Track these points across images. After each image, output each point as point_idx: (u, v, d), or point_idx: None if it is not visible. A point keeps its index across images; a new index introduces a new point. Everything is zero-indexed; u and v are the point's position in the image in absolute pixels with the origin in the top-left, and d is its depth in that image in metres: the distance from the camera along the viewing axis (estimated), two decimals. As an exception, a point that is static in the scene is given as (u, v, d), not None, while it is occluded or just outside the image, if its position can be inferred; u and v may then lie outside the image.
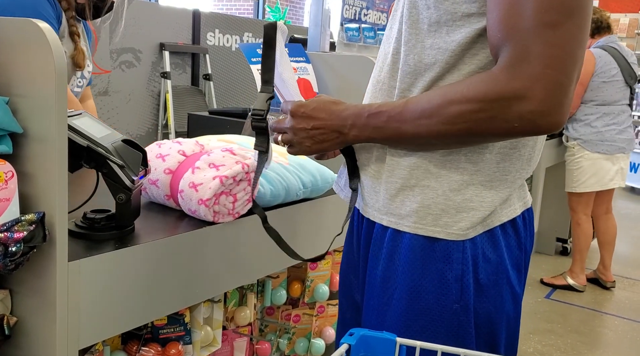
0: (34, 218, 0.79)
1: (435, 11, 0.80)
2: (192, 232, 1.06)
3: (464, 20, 0.78)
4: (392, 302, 0.87)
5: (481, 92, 0.72)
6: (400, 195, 0.86)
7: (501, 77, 0.71)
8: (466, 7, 0.77)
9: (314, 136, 0.89)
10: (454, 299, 0.83)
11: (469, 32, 0.78)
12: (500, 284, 0.86)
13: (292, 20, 9.73)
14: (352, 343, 0.74)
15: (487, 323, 0.86)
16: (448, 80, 0.80)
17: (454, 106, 0.74)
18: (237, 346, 1.36)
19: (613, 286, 3.46)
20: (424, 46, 0.82)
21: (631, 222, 5.29)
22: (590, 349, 2.70)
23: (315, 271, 1.50)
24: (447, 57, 0.79)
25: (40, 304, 0.86)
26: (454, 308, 0.84)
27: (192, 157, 1.15)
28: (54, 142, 0.81)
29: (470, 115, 0.73)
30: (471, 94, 0.73)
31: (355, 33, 2.02)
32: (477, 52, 0.79)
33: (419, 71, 0.83)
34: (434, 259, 0.83)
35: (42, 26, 0.80)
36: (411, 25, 0.83)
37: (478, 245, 0.84)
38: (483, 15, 0.76)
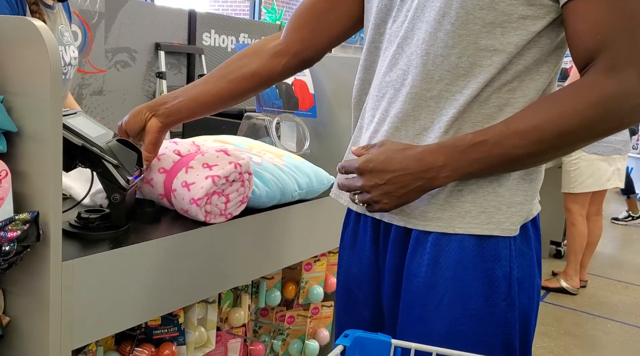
0: (28, 217, 0.79)
1: (490, 12, 0.78)
2: (186, 232, 1.05)
3: (519, 22, 0.78)
4: (441, 308, 0.85)
5: (594, 99, 0.74)
6: (450, 198, 0.84)
7: (609, 80, 0.73)
8: (522, 10, 0.78)
9: (391, 192, 0.80)
10: (502, 297, 0.84)
11: (525, 35, 0.79)
12: (533, 277, 0.88)
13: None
14: (347, 345, 0.74)
15: (524, 316, 0.87)
16: (497, 80, 0.81)
17: (568, 119, 0.74)
18: (231, 347, 1.36)
19: (584, 285, 3.51)
20: (477, 47, 0.80)
21: (624, 226, 5.31)
22: (583, 352, 2.71)
23: (310, 272, 1.50)
24: (503, 59, 0.79)
25: (33, 304, 0.86)
26: (502, 306, 0.84)
27: (187, 157, 1.15)
28: (49, 141, 0.80)
29: (589, 123, 0.74)
30: (583, 105, 0.74)
31: (351, 35, 2.03)
32: (524, 52, 0.80)
33: (474, 73, 0.81)
34: (483, 258, 0.83)
35: (37, 25, 0.79)
36: (460, 26, 0.79)
37: (517, 241, 0.85)
38: (537, 19, 0.78)
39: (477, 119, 0.82)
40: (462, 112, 0.82)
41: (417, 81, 0.84)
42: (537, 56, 0.81)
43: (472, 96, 0.81)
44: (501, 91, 0.81)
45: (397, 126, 0.87)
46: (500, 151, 0.76)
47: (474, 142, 0.77)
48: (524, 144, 0.76)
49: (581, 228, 3.34)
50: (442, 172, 0.78)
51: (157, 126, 1.06)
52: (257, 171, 1.21)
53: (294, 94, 1.68)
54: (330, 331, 1.60)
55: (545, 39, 0.80)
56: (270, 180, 1.23)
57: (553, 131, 0.75)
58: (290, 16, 1.11)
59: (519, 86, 0.81)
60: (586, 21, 0.75)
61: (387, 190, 0.80)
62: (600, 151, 3.22)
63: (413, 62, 0.84)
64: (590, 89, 0.74)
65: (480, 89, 0.81)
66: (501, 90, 0.81)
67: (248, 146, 1.32)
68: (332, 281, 1.57)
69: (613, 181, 3.28)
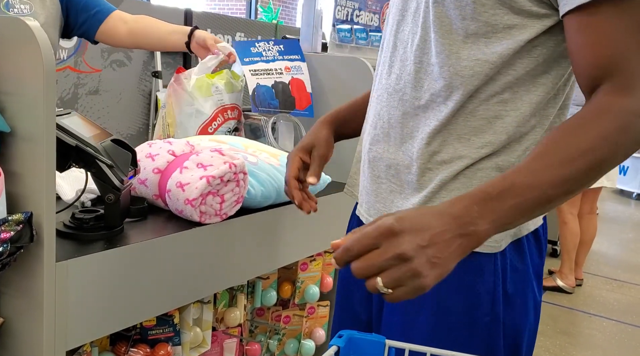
0: (21, 218, 0.78)
1: (472, 22, 0.75)
2: (181, 233, 1.05)
3: (505, 32, 0.74)
4: (419, 318, 0.83)
5: (620, 123, 0.67)
6: None
7: (629, 99, 0.67)
8: (508, 19, 0.74)
9: (436, 257, 0.61)
10: (485, 312, 0.80)
11: (511, 44, 0.74)
12: (526, 293, 0.84)
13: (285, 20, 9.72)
14: (341, 346, 0.74)
15: (513, 332, 0.84)
16: (484, 91, 0.77)
17: (599, 147, 0.67)
18: (226, 347, 1.36)
19: (580, 284, 3.51)
20: (459, 57, 0.77)
21: (620, 225, 5.33)
22: (579, 351, 2.72)
23: (306, 272, 1.50)
24: (486, 69, 0.76)
25: (27, 305, 0.85)
26: (484, 321, 0.80)
27: (182, 157, 1.15)
28: (42, 141, 0.80)
29: (619, 148, 0.67)
30: (610, 130, 0.67)
31: (347, 34, 2.03)
32: (514, 62, 0.76)
33: (455, 84, 0.77)
34: (465, 272, 0.77)
35: (30, 24, 0.79)
36: (443, 35, 0.77)
37: (507, 256, 0.81)
38: (524, 28, 0.74)
39: (464, 131, 0.78)
40: (446, 124, 0.79)
41: (408, 88, 0.82)
42: (531, 67, 0.76)
43: (456, 108, 0.78)
44: (489, 102, 0.77)
45: (387, 131, 0.86)
46: (533, 194, 0.66)
47: (504, 188, 0.66)
48: (556, 183, 0.66)
49: (572, 226, 3.35)
50: (482, 224, 0.64)
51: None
52: (252, 171, 1.20)
53: (291, 94, 1.68)
54: (326, 331, 1.60)
55: (540, 49, 0.75)
56: (266, 180, 1.22)
57: (586, 163, 0.66)
58: (287, 16, 1.10)
59: (511, 98, 0.77)
60: (590, 35, 0.69)
61: (430, 255, 0.61)
62: None
63: (406, 69, 0.83)
64: (612, 112, 0.67)
65: (464, 100, 0.77)
66: (489, 101, 0.77)
67: (243, 146, 1.32)
68: (328, 280, 1.56)
69: (600, 180, 3.29)
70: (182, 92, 1.52)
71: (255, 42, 1.68)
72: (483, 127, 0.78)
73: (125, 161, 0.98)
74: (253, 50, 1.67)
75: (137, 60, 3.54)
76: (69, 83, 3.04)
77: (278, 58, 1.68)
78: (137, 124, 3.67)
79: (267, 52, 1.68)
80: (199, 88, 1.52)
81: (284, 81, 1.68)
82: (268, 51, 1.68)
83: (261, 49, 1.68)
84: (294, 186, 0.98)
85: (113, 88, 3.37)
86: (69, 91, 3.05)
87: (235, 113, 1.60)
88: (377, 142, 0.87)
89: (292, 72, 1.68)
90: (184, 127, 1.51)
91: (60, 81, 2.95)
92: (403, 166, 0.83)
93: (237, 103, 1.61)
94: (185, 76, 1.53)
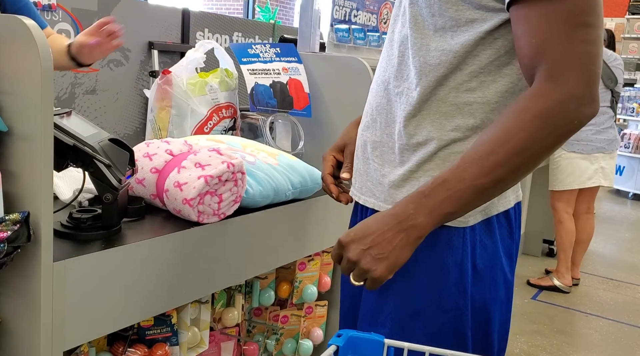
0: (19, 218, 0.78)
1: (440, 18, 0.84)
2: (179, 232, 1.05)
3: (468, 25, 0.82)
4: (392, 287, 0.88)
5: (537, 111, 0.73)
6: (407, 185, 0.88)
7: (550, 87, 0.73)
8: (469, 14, 0.82)
9: (378, 254, 0.79)
10: (453, 282, 0.87)
11: (472, 35, 0.82)
12: (495, 270, 0.90)
13: (282, 20, 9.71)
14: (340, 345, 0.74)
15: (482, 307, 0.89)
16: (452, 80, 0.85)
17: (515, 136, 0.74)
18: (224, 347, 1.35)
19: (577, 283, 3.52)
20: (428, 49, 0.85)
21: (616, 224, 5.35)
22: (575, 350, 2.72)
23: (304, 272, 1.50)
24: (450, 58, 0.84)
25: (24, 305, 0.85)
26: (452, 291, 0.87)
27: (179, 156, 1.14)
28: (40, 140, 0.80)
29: (537, 135, 0.73)
30: (527, 118, 0.73)
31: (345, 34, 2.03)
32: (478, 53, 0.83)
33: (424, 71, 0.86)
34: (435, 245, 0.86)
35: (28, 23, 0.79)
36: (417, 30, 0.87)
37: (477, 232, 0.88)
38: (485, 21, 0.81)
39: (436, 116, 0.86)
40: (420, 109, 0.87)
41: (391, 79, 0.92)
42: (494, 57, 0.83)
43: (426, 94, 0.86)
44: (459, 90, 0.85)
45: (375, 117, 0.95)
46: (464, 185, 0.76)
47: (436, 184, 0.78)
48: (484, 173, 0.75)
49: (568, 225, 3.35)
50: (417, 218, 0.78)
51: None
52: (250, 170, 1.20)
53: (289, 93, 1.67)
54: (324, 331, 1.60)
55: (501, 41, 0.82)
56: (264, 179, 1.22)
57: (506, 152, 0.74)
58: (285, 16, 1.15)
59: (479, 86, 0.84)
60: (524, 26, 0.76)
61: (374, 254, 0.79)
62: (579, 150, 3.24)
63: (391, 62, 0.92)
64: (532, 100, 0.74)
65: (434, 86, 0.85)
66: (458, 89, 0.85)
67: (241, 145, 1.32)
68: (326, 280, 1.56)
69: (596, 180, 3.29)
70: (174, 92, 1.51)
71: (252, 45, 1.68)
72: (453, 113, 0.85)
73: (122, 161, 0.98)
74: (250, 52, 1.67)
75: (135, 59, 3.53)
76: (65, 83, 3.03)
77: (275, 59, 1.68)
78: (135, 124, 3.66)
79: (264, 54, 1.68)
80: (192, 88, 1.51)
81: (281, 81, 1.68)
82: (265, 53, 1.68)
83: (258, 50, 1.68)
84: (330, 181, 1.07)
85: (110, 88, 3.36)
86: (66, 90, 3.04)
87: (231, 111, 1.59)
88: (367, 129, 0.97)
89: (289, 73, 1.68)
90: (179, 127, 1.51)
91: (57, 81, 2.94)
92: (387, 147, 0.92)
93: (231, 101, 1.61)
94: (175, 75, 1.52)
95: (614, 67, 3.26)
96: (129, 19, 3.45)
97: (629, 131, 6.44)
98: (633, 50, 7.87)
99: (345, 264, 0.82)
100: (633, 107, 6.40)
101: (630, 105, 6.41)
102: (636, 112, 6.38)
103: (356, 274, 0.81)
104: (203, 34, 4.11)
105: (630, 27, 7.94)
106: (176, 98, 1.50)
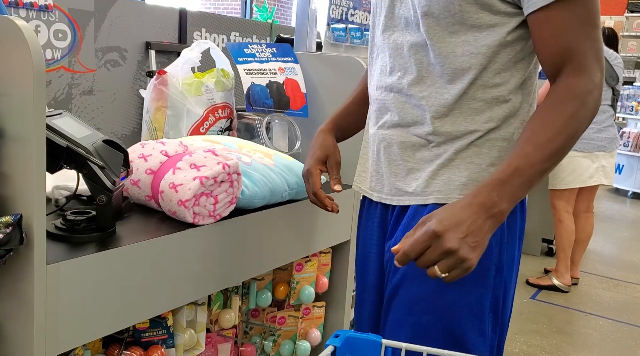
0: (11, 220, 0.77)
1: (461, 26, 0.91)
2: (174, 234, 1.04)
3: (489, 29, 0.91)
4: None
5: (581, 99, 0.85)
6: (446, 172, 0.95)
7: (583, 80, 0.86)
8: (490, 19, 0.90)
9: (474, 242, 0.81)
10: (494, 261, 0.94)
11: (495, 37, 0.91)
12: (513, 249, 0.99)
13: (280, 19, 9.70)
14: (337, 345, 0.73)
15: (505, 282, 0.99)
16: (480, 79, 0.92)
17: (572, 123, 0.85)
18: (221, 349, 1.35)
19: (576, 282, 3.51)
20: (455, 54, 0.92)
21: (615, 223, 5.34)
22: (575, 349, 2.72)
23: (301, 273, 1.49)
24: (480, 60, 0.92)
25: (17, 308, 0.84)
26: (492, 270, 0.95)
27: (175, 157, 1.14)
28: (32, 142, 0.79)
29: (583, 121, 0.86)
30: (576, 107, 0.85)
31: (342, 33, 2.02)
32: (500, 52, 0.92)
33: (457, 75, 0.93)
34: None
35: (19, 24, 0.78)
36: (438, 39, 0.92)
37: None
38: (504, 24, 0.91)
39: (467, 113, 0.94)
40: (452, 108, 0.94)
41: (413, 86, 0.96)
42: (512, 54, 0.92)
43: (459, 95, 0.93)
44: (486, 87, 0.93)
45: (397, 122, 0.99)
46: (534, 169, 0.85)
47: (510, 171, 0.85)
48: (548, 157, 0.85)
49: (568, 224, 3.35)
50: (502, 204, 0.84)
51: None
52: (246, 171, 1.19)
53: (285, 93, 1.67)
54: (321, 332, 1.60)
55: (518, 40, 0.92)
56: (260, 180, 1.21)
57: (564, 138, 0.85)
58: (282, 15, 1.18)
59: (502, 82, 0.93)
60: (551, 29, 0.86)
61: (470, 242, 0.81)
62: (580, 148, 3.24)
63: (408, 70, 0.97)
64: (572, 93, 0.86)
65: (466, 88, 0.93)
66: (485, 86, 0.93)
67: (237, 146, 1.31)
68: (323, 281, 1.56)
69: (597, 178, 3.29)
70: (169, 92, 1.50)
71: (248, 44, 1.67)
72: (482, 107, 0.94)
73: (117, 162, 0.97)
74: (246, 51, 1.67)
75: (132, 60, 3.52)
76: (62, 83, 3.02)
77: (271, 59, 1.68)
78: (132, 124, 3.65)
79: (261, 54, 1.67)
80: (188, 88, 1.51)
81: (278, 80, 1.67)
82: (261, 53, 1.67)
83: (254, 50, 1.67)
84: (324, 196, 1.12)
85: (107, 88, 3.36)
86: (63, 91, 3.03)
87: (227, 111, 1.59)
88: (389, 130, 1.00)
89: (286, 73, 1.67)
90: (174, 128, 1.50)
91: (54, 81, 2.93)
92: (418, 145, 0.97)
93: (228, 101, 1.60)
94: (170, 75, 1.51)
95: (615, 66, 3.26)
96: (125, 19, 3.44)
97: (628, 130, 6.43)
98: (632, 48, 7.87)
99: (436, 255, 0.80)
100: (632, 106, 6.39)
101: (629, 103, 6.41)
102: (635, 110, 6.38)
103: (448, 264, 0.80)
104: (200, 34, 4.10)
105: (630, 25, 7.94)
106: (172, 98, 1.50)
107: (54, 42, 2.93)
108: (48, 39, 2.88)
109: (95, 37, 3.26)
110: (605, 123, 3.26)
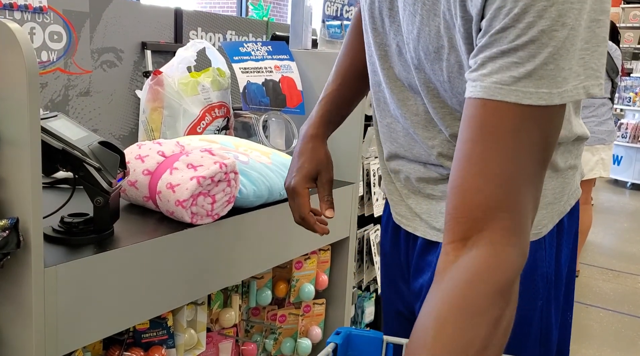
0: (7, 224, 0.77)
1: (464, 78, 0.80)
2: (173, 234, 1.04)
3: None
4: None
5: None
6: None
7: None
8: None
9: None
10: (540, 296, 0.85)
11: None
12: (562, 270, 0.90)
13: (276, 17, 9.69)
14: (338, 343, 0.73)
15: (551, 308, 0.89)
16: None
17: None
18: (222, 348, 1.35)
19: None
20: (460, 102, 0.81)
21: (614, 214, 5.35)
22: (575, 341, 2.72)
23: (301, 270, 1.49)
24: None
25: (16, 312, 0.84)
26: (539, 305, 0.85)
27: (172, 158, 1.13)
28: (27, 145, 0.79)
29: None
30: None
31: (337, 30, 2.01)
32: None
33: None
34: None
35: (12, 27, 0.77)
36: (451, 89, 0.78)
37: (554, 238, 0.86)
38: None
39: None
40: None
41: (416, 128, 0.86)
42: None
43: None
44: None
45: (406, 154, 0.91)
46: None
47: None
48: None
49: None
50: None
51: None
52: (243, 170, 1.19)
53: (282, 91, 1.66)
54: (322, 329, 1.60)
55: None
56: (258, 179, 1.21)
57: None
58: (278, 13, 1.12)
59: None
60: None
61: None
62: None
63: (419, 115, 0.86)
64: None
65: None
66: None
67: (234, 145, 1.31)
68: (323, 278, 1.56)
69: (597, 171, 3.30)
70: (165, 93, 1.50)
71: (244, 43, 1.67)
72: None
73: (113, 164, 0.97)
74: (242, 50, 1.66)
75: (128, 60, 3.52)
76: (59, 85, 3.01)
77: (267, 57, 1.67)
78: (129, 125, 3.65)
79: (256, 52, 1.67)
80: (184, 88, 1.50)
81: (274, 78, 1.67)
82: (257, 51, 1.67)
83: (250, 49, 1.67)
84: (313, 221, 0.97)
85: (104, 89, 3.35)
86: (60, 92, 3.03)
87: (224, 111, 1.58)
88: (403, 161, 0.91)
89: (282, 70, 1.67)
90: (171, 128, 1.50)
91: (51, 83, 2.93)
92: (434, 179, 0.88)
93: (224, 101, 1.60)
94: (166, 75, 1.51)
95: (615, 58, 3.26)
96: (121, 20, 3.44)
97: (626, 121, 6.44)
98: (629, 39, 7.87)
99: None
100: (630, 97, 6.39)
101: (627, 94, 6.41)
102: (633, 101, 6.38)
103: None
104: (196, 33, 4.10)
105: (626, 16, 7.93)
106: (168, 99, 1.49)
107: (49, 44, 2.92)
108: (43, 41, 2.87)
109: (90, 38, 3.25)
110: (605, 116, 3.27)
